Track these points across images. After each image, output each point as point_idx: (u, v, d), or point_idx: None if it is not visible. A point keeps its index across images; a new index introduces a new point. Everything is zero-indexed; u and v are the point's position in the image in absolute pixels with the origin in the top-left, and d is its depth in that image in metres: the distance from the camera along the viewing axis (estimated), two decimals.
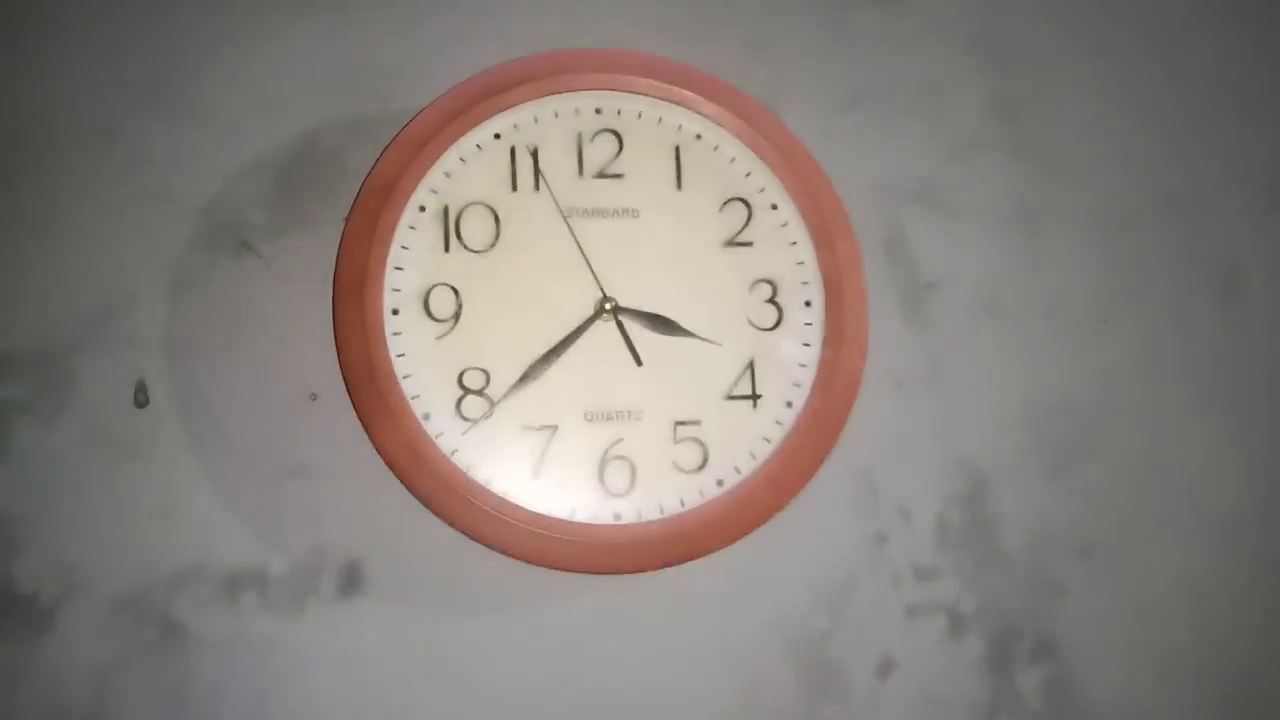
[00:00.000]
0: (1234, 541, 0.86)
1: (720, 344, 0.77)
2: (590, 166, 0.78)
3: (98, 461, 0.72)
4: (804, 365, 0.78)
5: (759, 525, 0.75)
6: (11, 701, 0.70)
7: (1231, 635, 0.85)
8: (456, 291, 0.75)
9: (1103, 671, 0.83)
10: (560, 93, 0.78)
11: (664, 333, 0.77)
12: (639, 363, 0.76)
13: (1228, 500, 0.87)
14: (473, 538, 0.72)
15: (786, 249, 0.79)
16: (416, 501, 0.72)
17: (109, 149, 0.77)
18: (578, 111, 0.79)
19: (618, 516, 0.74)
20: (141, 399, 0.74)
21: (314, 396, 0.75)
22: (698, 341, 0.77)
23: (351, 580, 0.74)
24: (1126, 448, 0.86)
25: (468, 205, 0.76)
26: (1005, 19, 0.91)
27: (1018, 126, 0.90)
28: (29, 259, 0.74)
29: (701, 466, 0.76)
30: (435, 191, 0.76)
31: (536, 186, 0.77)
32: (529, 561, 0.72)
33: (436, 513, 0.72)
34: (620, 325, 0.76)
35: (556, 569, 0.73)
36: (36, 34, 0.77)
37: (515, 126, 0.78)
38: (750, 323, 0.78)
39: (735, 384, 0.77)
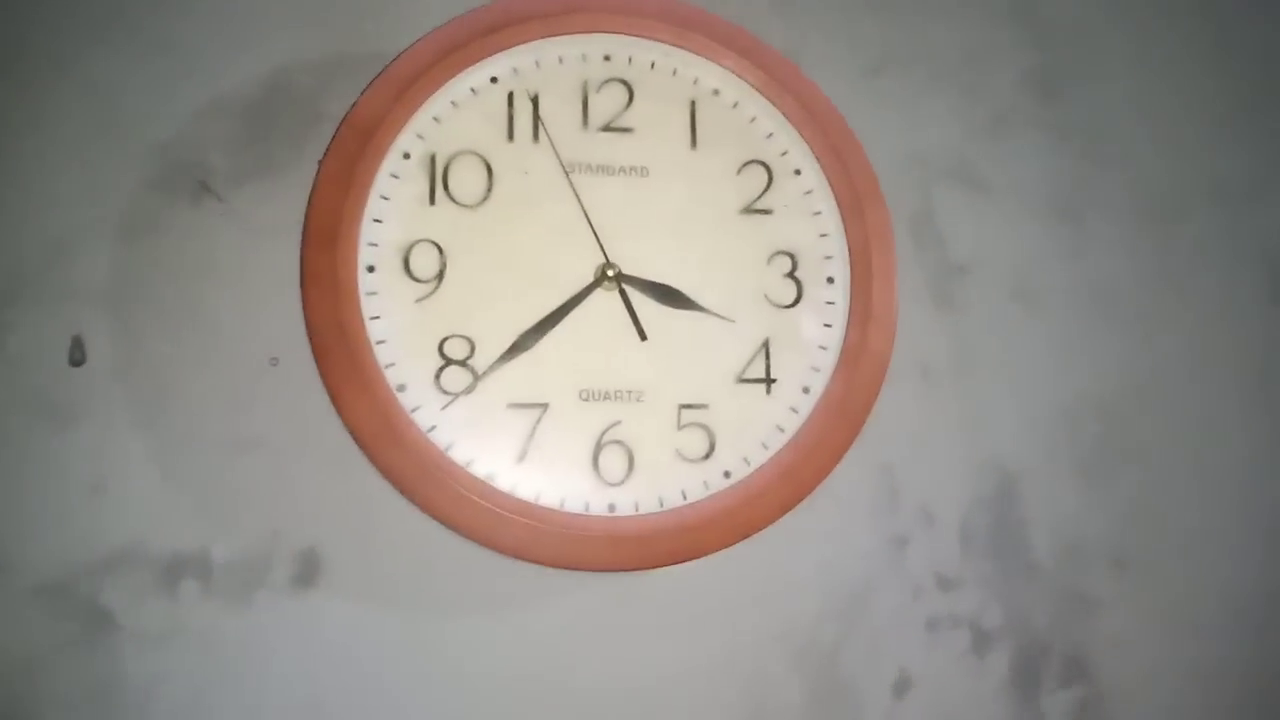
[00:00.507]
0: None
1: (733, 320, 0.70)
2: (596, 118, 0.70)
3: (25, 426, 0.64)
4: (824, 348, 0.70)
5: (769, 523, 0.68)
6: None
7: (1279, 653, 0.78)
8: (441, 249, 0.67)
9: (1139, 694, 0.76)
10: (566, 34, 0.70)
11: (671, 305, 0.69)
12: (643, 337, 0.68)
13: (1276, 509, 0.80)
14: (448, 526, 0.64)
15: (810, 219, 0.72)
16: (386, 483, 0.64)
17: (54, 78, 0.68)
18: (585, 57, 0.71)
19: (612, 508, 0.66)
20: (77, 356, 0.65)
21: (274, 361, 0.67)
22: (708, 317, 0.69)
23: (308, 569, 0.66)
24: (1167, 451, 0.79)
25: (458, 154, 0.68)
26: None
27: (1056, 102, 0.83)
28: None
29: (707, 455, 0.68)
30: (422, 137, 0.68)
31: (535, 137, 0.69)
32: (512, 555, 0.64)
33: (408, 496, 0.64)
34: (624, 294, 0.68)
35: (542, 564, 0.65)
36: None
37: (514, 70, 0.70)
38: (767, 298, 0.70)
39: (748, 365, 0.70)
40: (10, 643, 0.62)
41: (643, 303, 0.68)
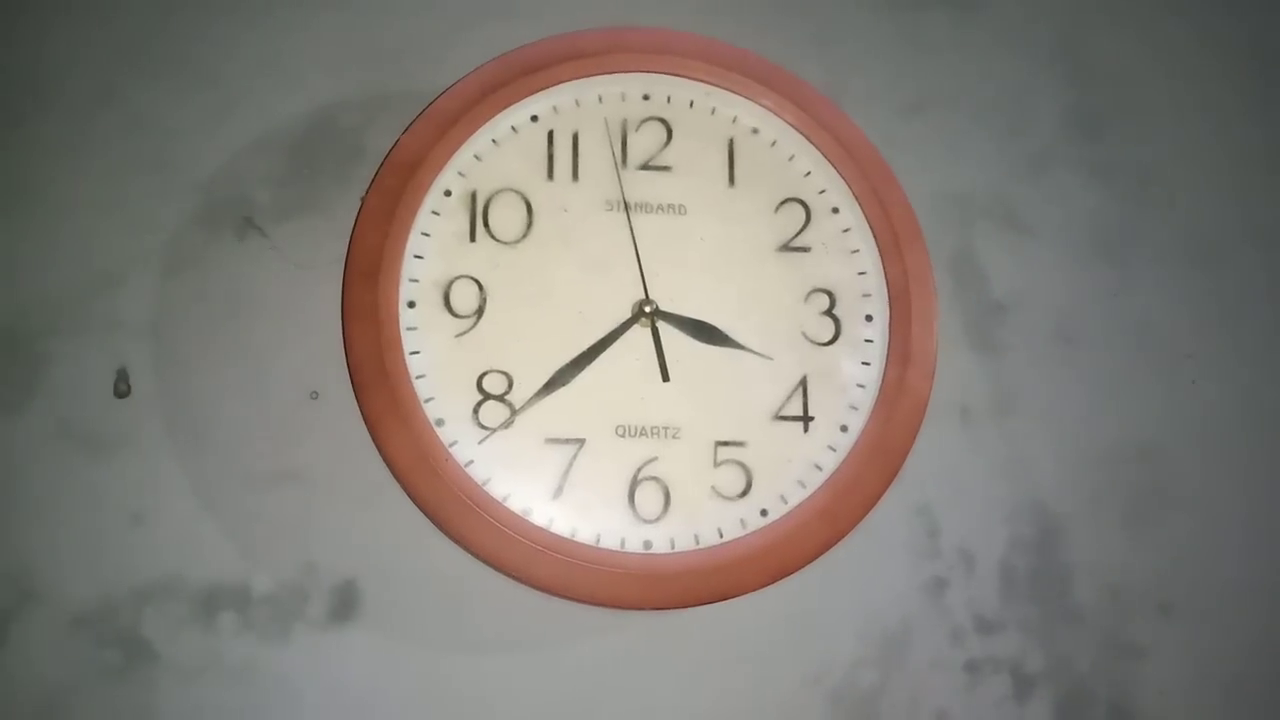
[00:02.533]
0: None
1: (771, 358, 0.69)
2: (635, 157, 0.71)
3: (67, 456, 0.65)
4: (863, 386, 0.70)
5: (806, 563, 0.67)
6: None
7: None
8: (481, 285, 0.67)
9: None
10: (606, 74, 0.71)
11: (708, 342, 0.69)
12: (665, 378, 0.68)
13: None
14: (485, 560, 0.64)
15: (848, 257, 0.71)
16: (424, 517, 0.64)
17: (100, 112, 0.70)
18: (624, 96, 0.71)
19: (648, 545, 0.66)
20: (122, 388, 0.66)
21: (315, 395, 0.68)
22: (745, 354, 0.69)
23: (345, 603, 0.66)
24: (1214, 496, 0.78)
25: (498, 191, 0.69)
26: (1086, 29, 0.85)
27: (1097, 142, 0.83)
28: (3, 228, 0.67)
29: (744, 493, 0.68)
30: (463, 175, 0.68)
31: (575, 176, 0.70)
32: (547, 591, 0.64)
33: (445, 530, 0.64)
34: (655, 332, 0.68)
35: (577, 600, 0.64)
36: None
37: (555, 109, 0.70)
38: (805, 336, 0.70)
39: (785, 403, 0.69)
40: (49, 672, 0.62)
41: (680, 340, 0.68)
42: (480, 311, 0.67)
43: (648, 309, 0.68)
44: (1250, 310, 0.81)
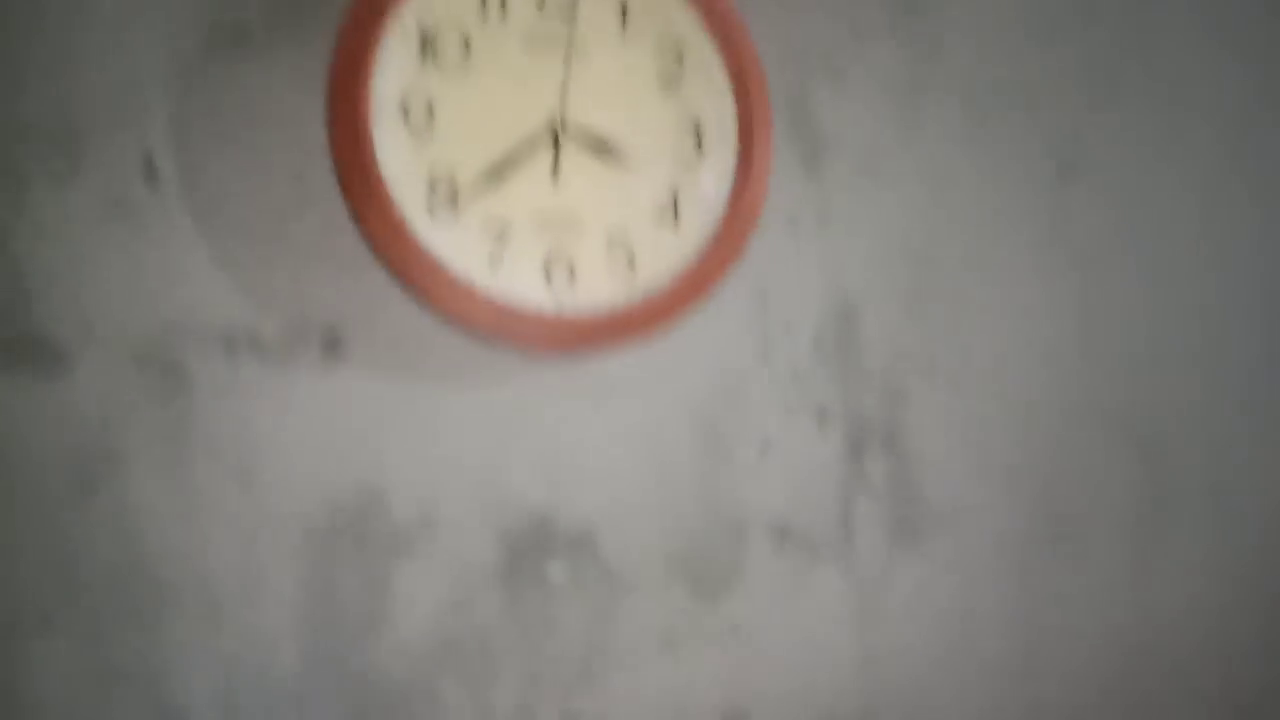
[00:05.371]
0: (1059, 374, 1.08)
1: (650, 170, 0.91)
2: (548, 2, 0.89)
3: (110, 223, 0.83)
4: (719, 195, 0.93)
5: (672, 325, 0.92)
6: (29, 438, 0.81)
7: (1050, 446, 1.07)
8: (431, 102, 0.86)
9: (934, 464, 1.03)
10: None
11: (603, 155, 0.90)
12: (552, 179, 0.89)
13: (1055, 340, 1.08)
14: (438, 313, 0.86)
15: (712, 94, 0.93)
16: (392, 279, 0.86)
17: None
18: None
19: (560, 306, 0.89)
20: (149, 172, 0.84)
21: (300, 180, 0.87)
22: (632, 165, 0.91)
23: (331, 345, 0.87)
24: (971, 293, 1.05)
25: (443, 25, 0.87)
26: None
27: (911, 14, 1.05)
28: (49, 34, 0.83)
29: (629, 272, 0.91)
30: (416, 11, 0.86)
31: (503, 14, 0.88)
32: (485, 337, 0.87)
33: (408, 289, 0.86)
34: (556, 145, 0.89)
35: (507, 345, 0.88)
36: None
37: None
38: (677, 155, 0.92)
39: (661, 206, 0.92)
40: (106, 392, 0.82)
41: (581, 156, 0.90)
42: (430, 122, 0.86)
43: (557, 124, 0.89)
44: (1005, 154, 1.09)
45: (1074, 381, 1.08)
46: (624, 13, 0.92)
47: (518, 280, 0.88)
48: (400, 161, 0.85)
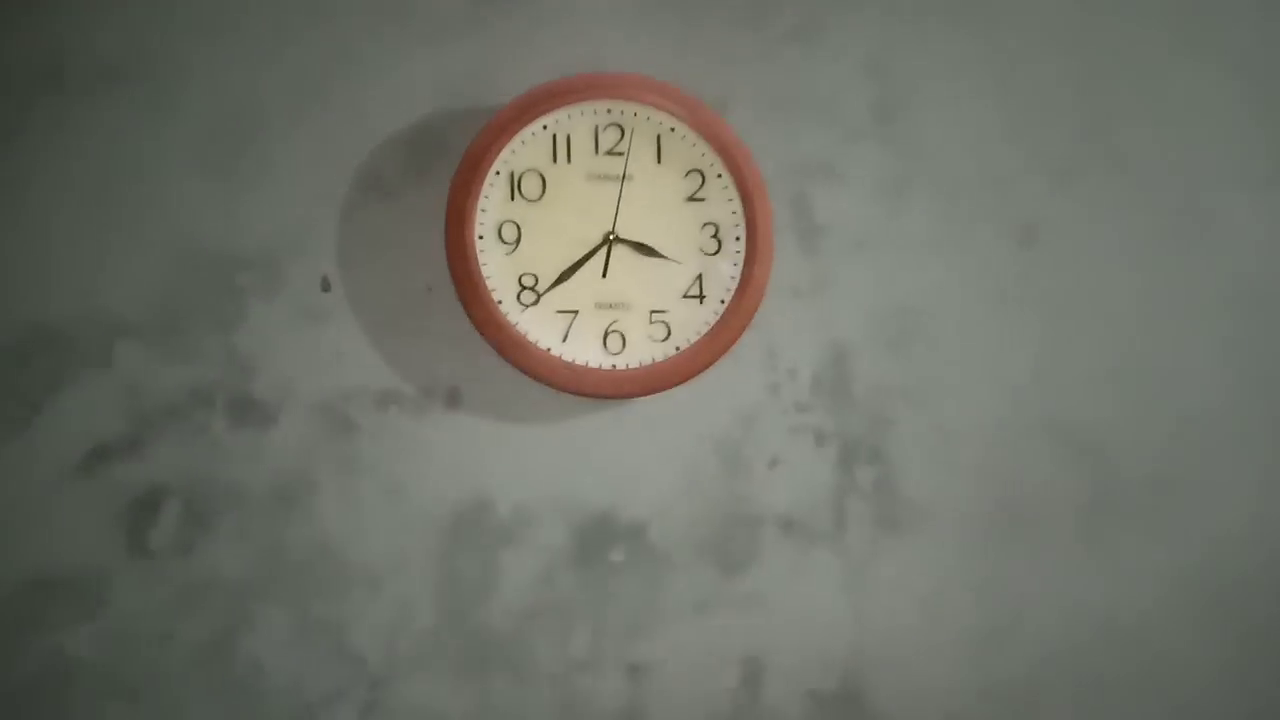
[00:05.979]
0: (1016, 399, 1.25)
1: (681, 262, 1.14)
2: (603, 147, 1.18)
3: (300, 322, 1.17)
4: (733, 277, 1.20)
5: (700, 373, 1.13)
6: (252, 470, 1.16)
7: (1008, 455, 1.21)
8: (518, 225, 1.17)
9: (912, 471, 1.20)
10: (585, 101, 1.15)
11: (646, 255, 1.20)
12: (604, 275, 1.16)
13: (1013, 372, 1.24)
14: (528, 374, 1.11)
15: (725, 203, 1.20)
16: (492, 351, 1.16)
17: (294, 129, 1.19)
18: (596, 112, 1.17)
19: (614, 366, 1.20)
20: (325, 286, 1.19)
21: (429, 289, 1.20)
22: (668, 262, 1.19)
23: (453, 399, 1.15)
24: (944, 339, 1.19)
25: (526, 170, 1.18)
26: (892, 43, 1.26)
27: (886, 125, 1.25)
28: (252, 190, 1.17)
29: (667, 338, 1.15)
30: (506, 161, 1.16)
31: (569, 160, 1.20)
32: (561, 389, 1.12)
33: (507, 359, 1.14)
34: (609, 250, 1.18)
35: (577, 394, 1.12)
36: None
37: (556, 120, 1.17)
38: (701, 250, 1.14)
39: (689, 287, 1.12)
40: (299, 441, 1.16)
41: (628, 254, 1.19)
42: (518, 240, 1.18)
43: (611, 236, 1.20)
44: (978, 225, 1.27)
45: (1029, 404, 1.22)
46: (659, 151, 1.19)
47: (583, 348, 1.13)
48: (497, 269, 1.14)
